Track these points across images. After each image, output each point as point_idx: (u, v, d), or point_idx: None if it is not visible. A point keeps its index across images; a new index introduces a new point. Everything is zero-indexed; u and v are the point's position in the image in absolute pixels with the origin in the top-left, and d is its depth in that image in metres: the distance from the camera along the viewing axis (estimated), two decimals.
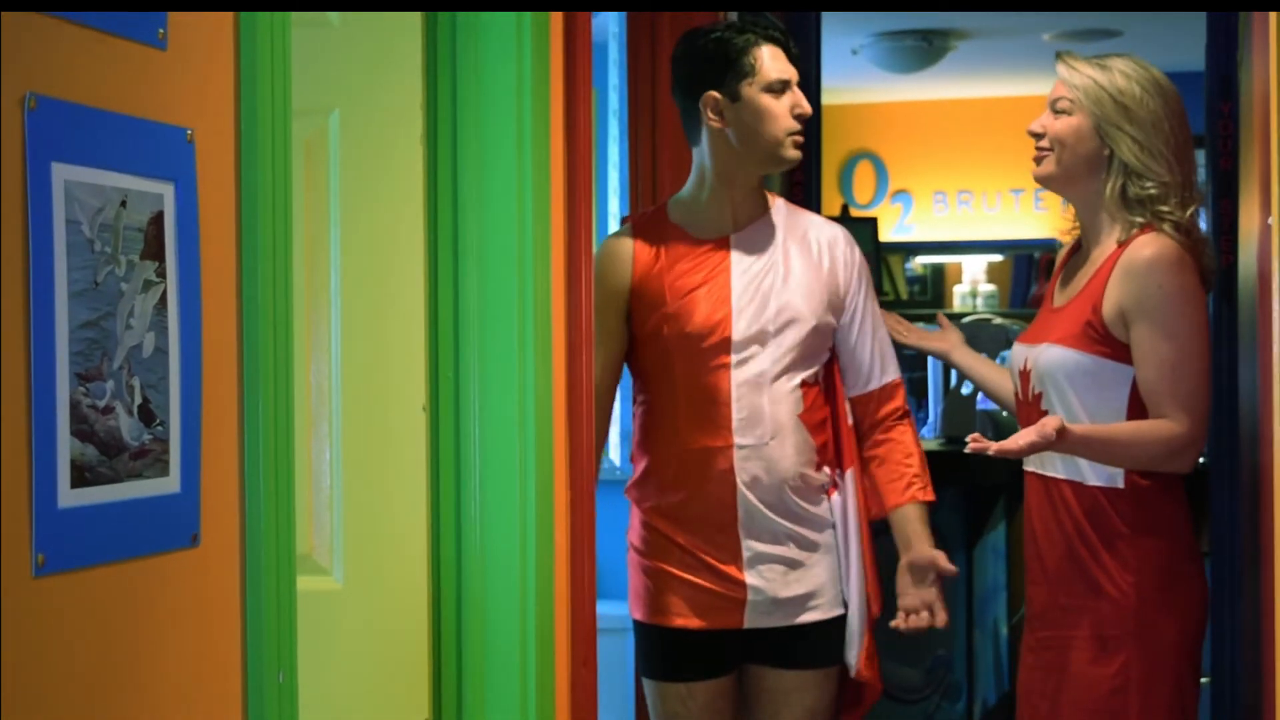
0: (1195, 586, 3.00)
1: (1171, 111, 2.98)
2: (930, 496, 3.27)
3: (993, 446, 2.81)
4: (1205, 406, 2.93)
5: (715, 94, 3.16)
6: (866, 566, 3.22)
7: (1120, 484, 2.95)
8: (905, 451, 3.26)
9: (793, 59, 3.20)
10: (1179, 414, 2.88)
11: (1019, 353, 3.13)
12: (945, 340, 3.50)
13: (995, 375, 3.39)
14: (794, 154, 3.19)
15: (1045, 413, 3.03)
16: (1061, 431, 2.81)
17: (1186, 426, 2.89)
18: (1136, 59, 3.04)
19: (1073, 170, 3.03)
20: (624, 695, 4.04)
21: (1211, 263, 3.03)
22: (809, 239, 3.24)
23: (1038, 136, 3.06)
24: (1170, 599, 2.95)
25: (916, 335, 3.51)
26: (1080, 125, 3.00)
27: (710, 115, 3.17)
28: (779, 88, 3.15)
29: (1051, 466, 3.04)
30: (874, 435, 3.26)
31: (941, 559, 3.24)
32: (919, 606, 3.25)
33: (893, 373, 3.28)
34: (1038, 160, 3.07)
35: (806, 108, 3.18)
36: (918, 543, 3.24)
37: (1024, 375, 3.09)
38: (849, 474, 3.22)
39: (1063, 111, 3.02)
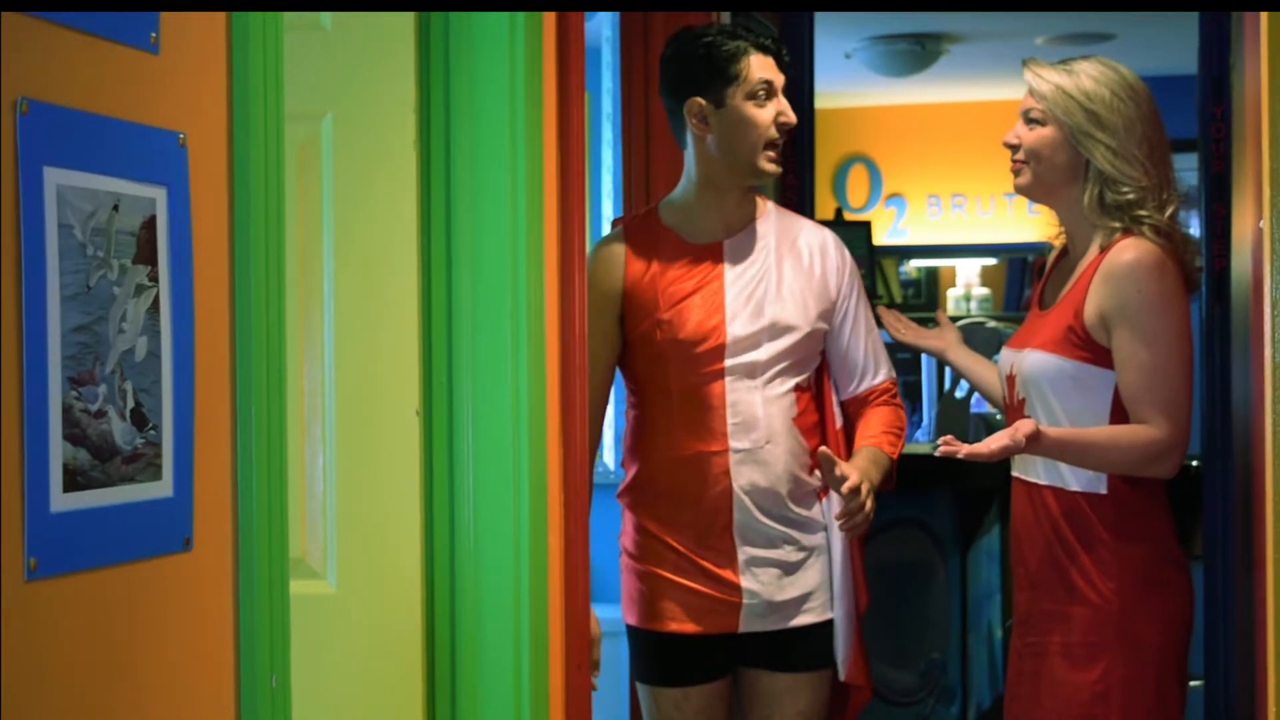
0: (1178, 592, 2.99)
1: (1143, 113, 2.97)
2: (893, 453, 3.19)
3: (963, 449, 2.80)
4: (1186, 411, 2.92)
5: (700, 100, 3.16)
6: (854, 569, 3.21)
7: (1103, 489, 2.95)
8: (892, 417, 3.23)
9: (783, 67, 3.17)
10: (1159, 419, 2.88)
11: (1006, 358, 3.13)
12: (942, 339, 3.50)
13: (991, 375, 3.39)
14: (769, 168, 3.16)
15: (1029, 419, 3.03)
16: (1035, 436, 2.80)
17: (1166, 431, 2.88)
18: (1105, 61, 3.02)
19: (1050, 180, 3.02)
20: (618, 699, 4.04)
21: (1195, 260, 3.02)
22: (800, 245, 3.24)
23: (1013, 148, 3.05)
24: (1152, 605, 2.95)
25: (914, 333, 3.52)
26: (1053, 136, 2.99)
27: (694, 121, 3.17)
28: (763, 95, 3.13)
29: (1033, 472, 3.03)
30: (863, 411, 3.25)
31: (853, 477, 2.98)
32: (846, 474, 3.02)
33: (885, 373, 3.28)
34: (1016, 172, 3.07)
35: (791, 117, 3.15)
36: (859, 459, 3.11)
37: (1010, 380, 3.09)
38: None
39: (1035, 121, 3.01)
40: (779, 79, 3.15)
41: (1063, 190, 3.02)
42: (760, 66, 3.13)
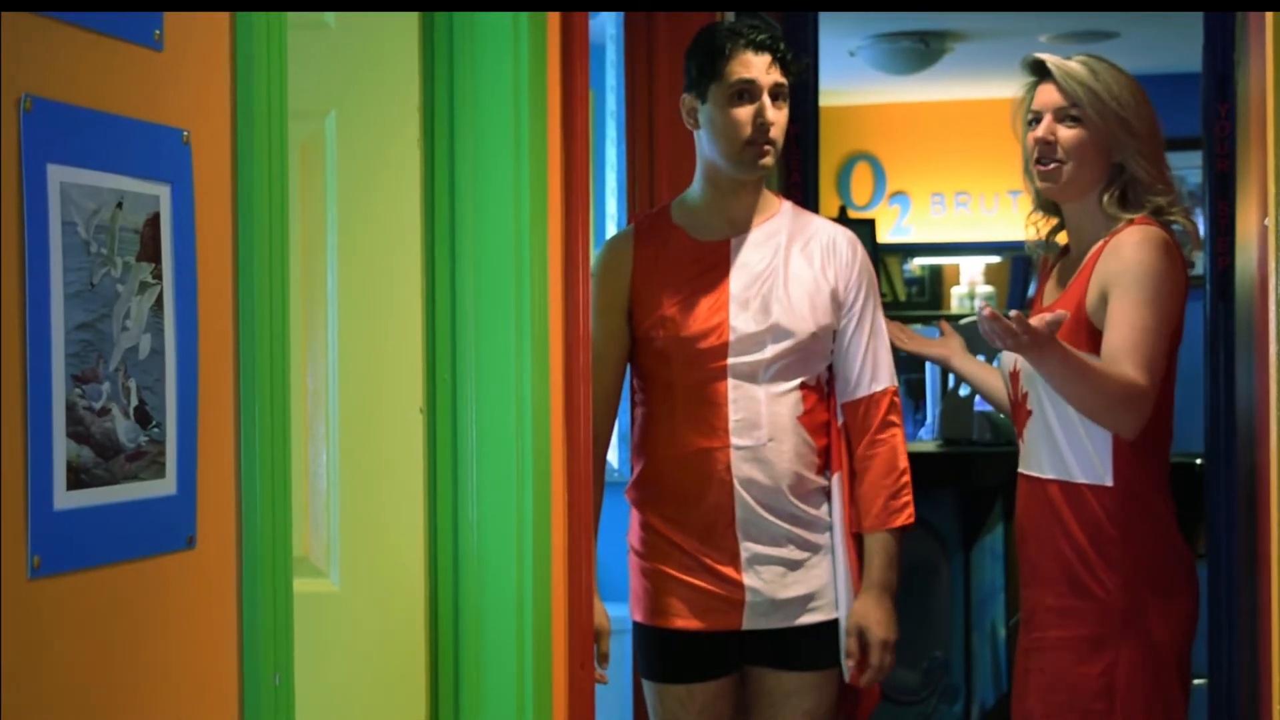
0: (1183, 589, 2.98)
1: (1153, 112, 2.99)
2: (900, 521, 3.17)
3: (1013, 312, 2.74)
4: (1160, 378, 2.90)
5: (688, 96, 3.17)
6: (853, 571, 3.20)
7: (1108, 481, 2.94)
8: (885, 469, 3.18)
9: (786, 67, 3.14)
10: (1139, 371, 2.85)
11: (1009, 355, 3.12)
12: (945, 347, 3.50)
13: (994, 380, 3.39)
14: (754, 164, 3.13)
15: (1032, 413, 3.03)
16: (1053, 336, 2.76)
17: (1146, 382, 2.86)
18: (1107, 60, 3.02)
19: (1085, 181, 3.00)
20: (622, 696, 4.04)
21: (1189, 256, 3.03)
22: (812, 244, 3.22)
23: (1049, 146, 3.02)
24: (1157, 601, 2.94)
25: (917, 342, 3.51)
26: (1092, 138, 2.97)
27: (686, 117, 3.18)
28: (742, 94, 3.09)
29: (1038, 466, 3.03)
30: (859, 447, 3.20)
31: (874, 628, 3.14)
32: (851, 651, 3.17)
33: (884, 381, 3.20)
34: (1051, 176, 3.02)
35: (770, 119, 3.09)
36: (862, 595, 3.17)
37: (1014, 376, 3.09)
38: (835, 478, 3.20)
39: (1073, 119, 2.99)
40: (768, 79, 3.11)
41: (1093, 190, 3.01)
42: (747, 66, 3.10)
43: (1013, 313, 2.73)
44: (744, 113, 3.10)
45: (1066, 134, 2.99)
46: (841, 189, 8.87)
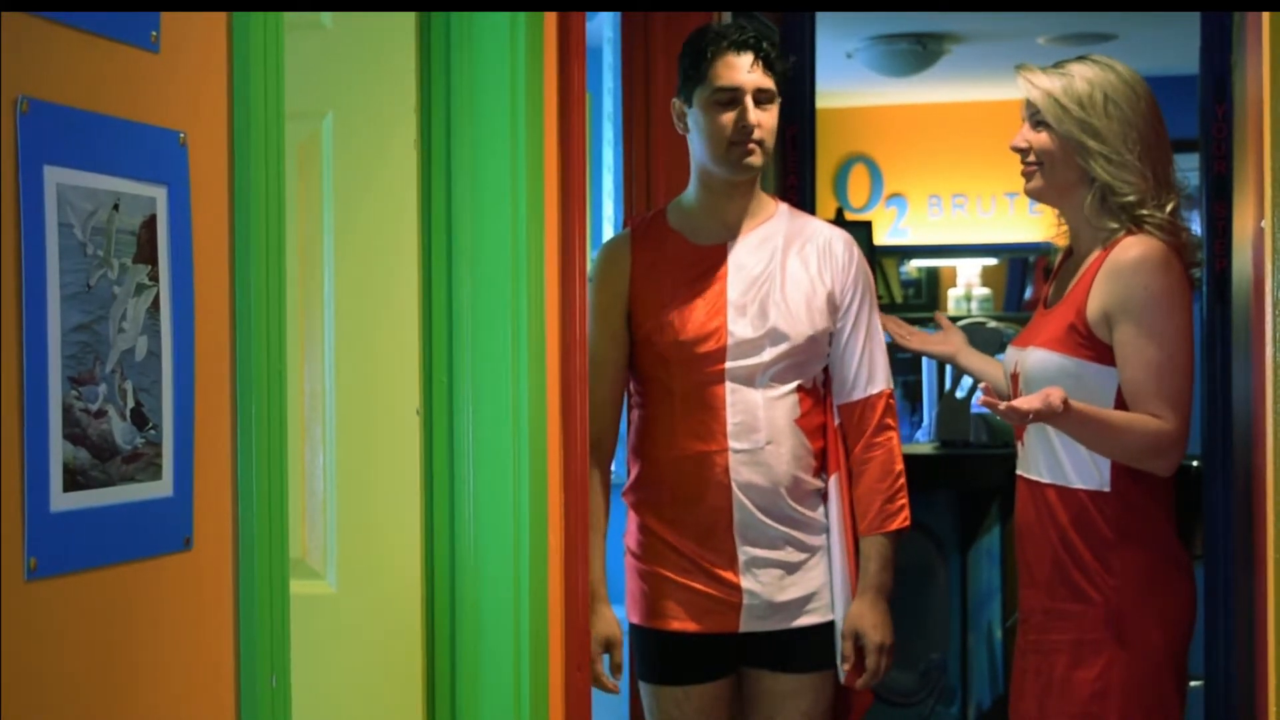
0: (1180, 592, 2.98)
1: (1139, 111, 2.95)
2: (895, 525, 3.19)
3: (1002, 404, 2.77)
4: (1190, 408, 2.92)
5: (676, 100, 3.18)
6: (850, 573, 3.20)
7: (1106, 487, 2.94)
8: (880, 472, 3.19)
9: (771, 67, 3.13)
10: (1167, 412, 2.87)
11: (1010, 356, 3.13)
12: (949, 343, 3.49)
13: (1001, 374, 3.38)
14: (740, 164, 3.12)
15: None
16: (1065, 404, 2.78)
17: (1175, 424, 2.88)
18: (1100, 60, 3.00)
19: (1061, 183, 3.01)
20: (619, 698, 4.03)
21: (1193, 259, 3.01)
22: (809, 247, 3.22)
23: (1023, 151, 3.04)
24: (1153, 605, 2.94)
25: (919, 340, 3.49)
26: (1056, 142, 2.98)
27: (676, 120, 3.19)
28: (725, 99, 3.09)
29: (1036, 470, 3.03)
30: (856, 450, 3.21)
31: (870, 632, 3.16)
32: (847, 655, 3.19)
33: (880, 384, 3.22)
34: (1028, 176, 3.05)
35: (752, 121, 3.08)
36: (859, 598, 3.19)
37: (1014, 378, 3.09)
38: (833, 479, 3.20)
39: (1042, 124, 3.00)
40: (751, 82, 3.10)
41: (1073, 192, 3.01)
42: (729, 68, 3.10)
43: (1001, 405, 2.75)
44: (726, 116, 3.10)
45: (1035, 138, 3.02)
46: (838, 191, 8.87)
